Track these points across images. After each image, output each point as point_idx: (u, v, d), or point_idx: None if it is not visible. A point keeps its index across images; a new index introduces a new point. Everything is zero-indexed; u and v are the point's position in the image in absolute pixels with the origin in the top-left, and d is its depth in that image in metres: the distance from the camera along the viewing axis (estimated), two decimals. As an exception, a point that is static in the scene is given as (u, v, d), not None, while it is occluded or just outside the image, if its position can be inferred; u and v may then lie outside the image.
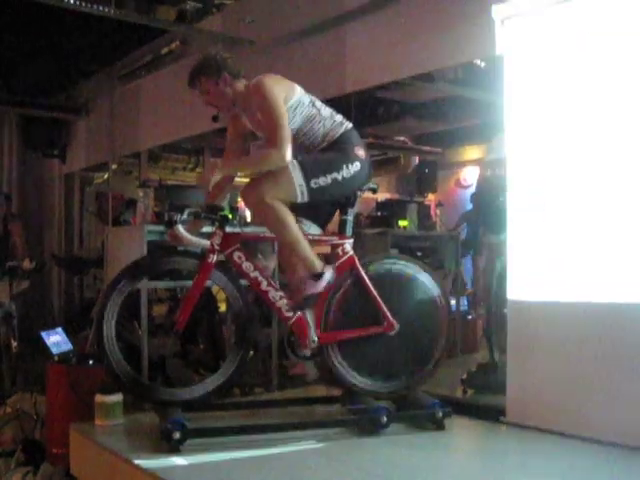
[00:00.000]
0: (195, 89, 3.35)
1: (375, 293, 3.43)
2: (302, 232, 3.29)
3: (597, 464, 2.97)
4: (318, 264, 3.32)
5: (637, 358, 3.11)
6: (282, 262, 3.54)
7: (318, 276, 3.31)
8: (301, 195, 3.20)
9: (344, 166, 3.26)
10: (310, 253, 3.30)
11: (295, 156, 3.23)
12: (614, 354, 3.18)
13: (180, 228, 3.24)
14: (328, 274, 3.33)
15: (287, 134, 3.13)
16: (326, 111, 3.36)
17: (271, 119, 3.15)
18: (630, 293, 3.14)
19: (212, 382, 3.40)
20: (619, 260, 3.19)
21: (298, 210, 3.35)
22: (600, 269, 3.25)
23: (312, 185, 3.20)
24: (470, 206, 8.88)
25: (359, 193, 3.45)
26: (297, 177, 3.17)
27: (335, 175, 3.24)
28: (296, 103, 3.27)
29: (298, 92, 3.30)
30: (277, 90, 3.19)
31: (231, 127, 3.55)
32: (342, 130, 3.35)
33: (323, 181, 3.22)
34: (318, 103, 3.37)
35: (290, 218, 3.21)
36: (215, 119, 3.44)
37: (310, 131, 3.33)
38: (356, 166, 3.30)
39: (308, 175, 3.19)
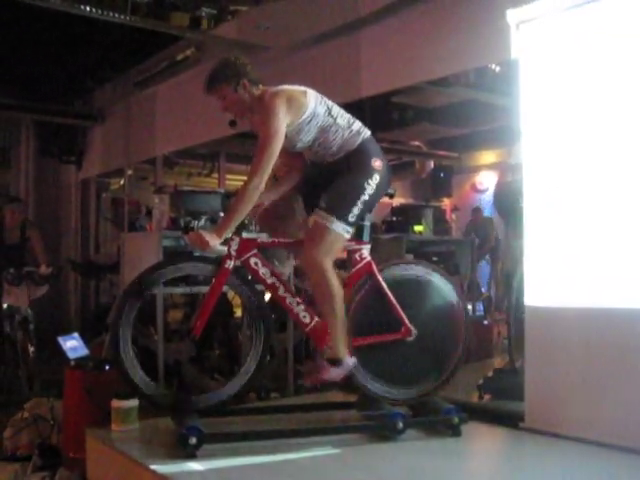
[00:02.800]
0: (213, 95, 3.32)
1: (393, 299, 3.42)
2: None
3: (617, 471, 2.94)
4: (343, 351, 3.26)
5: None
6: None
7: (338, 363, 3.25)
8: (347, 233, 3.26)
9: (366, 185, 3.27)
10: (342, 337, 3.26)
11: (309, 161, 3.20)
12: (634, 360, 3.15)
13: (205, 232, 3.16)
14: (350, 362, 3.28)
15: (269, 164, 3.11)
16: (343, 119, 3.32)
17: (262, 144, 3.13)
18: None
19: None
20: (638, 266, 3.16)
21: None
22: (619, 275, 3.22)
23: (350, 220, 3.24)
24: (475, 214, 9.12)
25: None
26: (337, 226, 3.21)
27: (363, 198, 3.26)
28: (310, 116, 3.24)
29: (312, 105, 3.24)
30: (283, 117, 3.14)
31: (252, 129, 3.47)
32: (360, 140, 3.33)
33: (357, 209, 3.25)
34: (335, 111, 3.32)
35: (340, 294, 3.22)
36: (232, 124, 3.43)
37: (325, 141, 3.30)
38: (376, 179, 3.29)
39: (343, 216, 3.22)
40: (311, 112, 3.24)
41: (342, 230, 3.22)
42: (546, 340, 3.48)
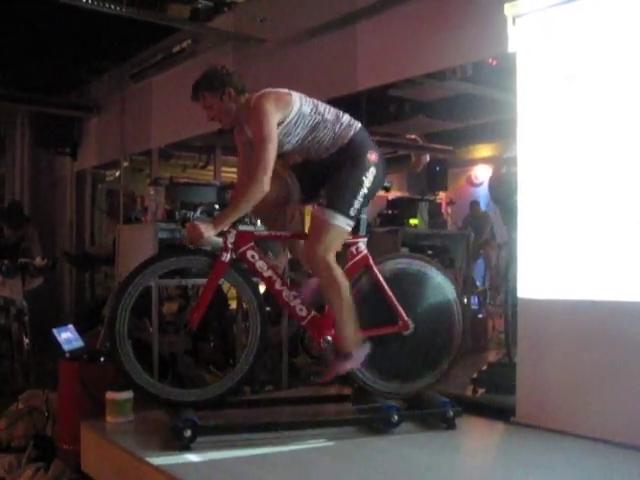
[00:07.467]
0: (198, 103, 3.35)
1: (390, 292, 3.42)
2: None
3: (608, 465, 2.95)
4: (353, 343, 3.29)
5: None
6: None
7: (348, 355, 3.29)
8: (349, 226, 3.28)
9: (364, 179, 3.28)
10: (351, 328, 3.28)
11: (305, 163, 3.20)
12: (625, 353, 3.16)
13: (201, 224, 3.16)
14: (361, 353, 3.31)
15: (269, 164, 3.12)
16: (331, 114, 3.33)
17: (260, 146, 3.14)
18: (642, 292, 3.12)
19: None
20: (631, 258, 3.17)
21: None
22: (612, 268, 3.23)
23: (351, 213, 3.26)
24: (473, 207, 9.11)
25: None
26: (340, 221, 3.23)
27: (362, 191, 3.28)
28: (296, 117, 3.24)
29: (297, 105, 3.25)
30: (273, 116, 3.16)
31: (238, 139, 3.51)
32: (351, 133, 3.33)
33: (357, 203, 3.27)
34: (321, 107, 3.33)
35: (346, 285, 3.25)
36: (220, 132, 3.44)
37: (316, 138, 3.31)
38: (372, 172, 3.30)
39: (344, 211, 3.24)
40: (297, 111, 3.24)
41: (344, 224, 3.25)
42: (538, 333, 3.49)
